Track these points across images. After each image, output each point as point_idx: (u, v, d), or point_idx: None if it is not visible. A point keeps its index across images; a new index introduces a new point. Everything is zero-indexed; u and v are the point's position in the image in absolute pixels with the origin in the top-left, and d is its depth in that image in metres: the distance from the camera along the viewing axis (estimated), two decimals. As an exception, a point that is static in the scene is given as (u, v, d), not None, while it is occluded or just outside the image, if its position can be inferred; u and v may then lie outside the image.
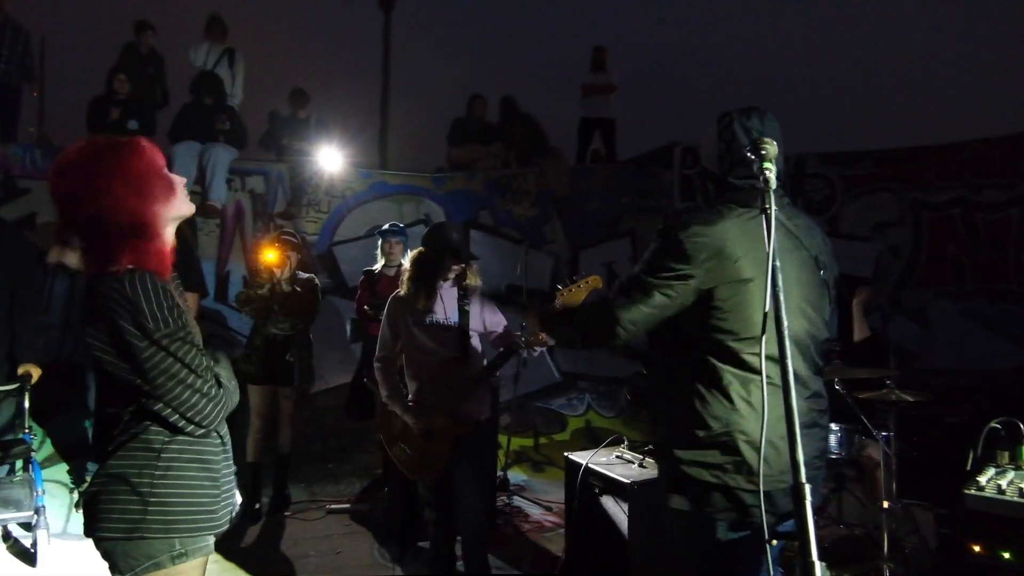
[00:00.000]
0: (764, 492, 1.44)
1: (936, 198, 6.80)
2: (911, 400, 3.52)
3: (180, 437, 1.53)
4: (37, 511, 3.40)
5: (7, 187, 5.76)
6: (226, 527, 1.64)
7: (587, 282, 2.57)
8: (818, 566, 1.17)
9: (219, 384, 1.56)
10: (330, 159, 6.84)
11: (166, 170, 1.60)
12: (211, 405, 1.51)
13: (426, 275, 3.04)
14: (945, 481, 2.87)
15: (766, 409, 1.39)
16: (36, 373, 3.61)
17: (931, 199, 6.82)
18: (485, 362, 3.13)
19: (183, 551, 1.51)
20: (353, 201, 7.10)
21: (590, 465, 3.35)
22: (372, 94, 12.44)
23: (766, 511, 1.42)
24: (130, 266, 1.48)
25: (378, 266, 4.97)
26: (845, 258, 6.87)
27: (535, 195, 7.60)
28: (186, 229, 6.21)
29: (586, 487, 3.32)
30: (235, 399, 1.61)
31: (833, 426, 3.88)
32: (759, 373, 1.60)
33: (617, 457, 3.45)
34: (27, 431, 3.53)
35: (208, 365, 1.54)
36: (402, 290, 3.10)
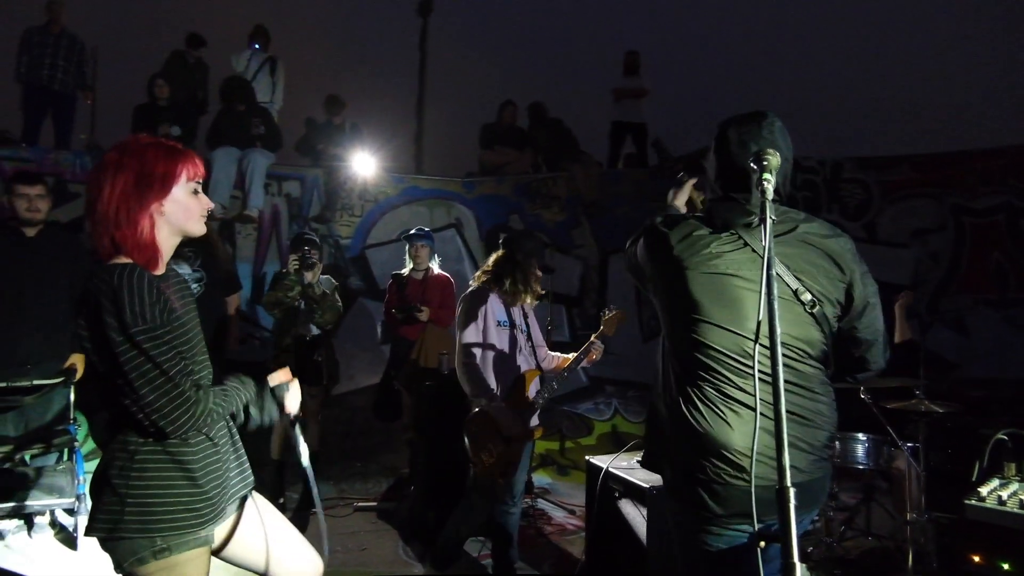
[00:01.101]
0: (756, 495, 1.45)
1: (979, 204, 6.59)
2: (940, 411, 3.46)
3: (153, 438, 1.56)
4: (78, 498, 3.57)
5: (60, 191, 6.05)
6: (220, 519, 1.68)
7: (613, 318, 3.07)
8: (799, 567, 1.19)
9: (198, 388, 1.56)
10: (364, 164, 7.00)
11: (176, 181, 1.66)
12: (178, 412, 1.51)
13: (523, 274, 3.31)
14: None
15: (758, 414, 1.41)
16: (80, 365, 3.72)
17: (973, 205, 6.61)
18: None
19: (165, 547, 1.55)
20: (386, 205, 7.25)
21: (611, 469, 3.37)
22: (407, 100, 12.65)
23: (762, 515, 1.44)
24: (124, 260, 1.56)
25: (406, 270, 5.08)
26: (882, 265, 6.76)
27: (565, 200, 7.63)
28: (220, 234, 6.45)
29: (606, 491, 3.35)
30: (210, 406, 1.59)
31: (861, 436, 3.83)
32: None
33: (638, 462, 3.47)
34: (72, 422, 3.71)
35: (183, 369, 1.53)
36: (500, 285, 3.31)
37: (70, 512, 3.69)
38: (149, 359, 1.47)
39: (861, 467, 3.84)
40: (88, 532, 1.58)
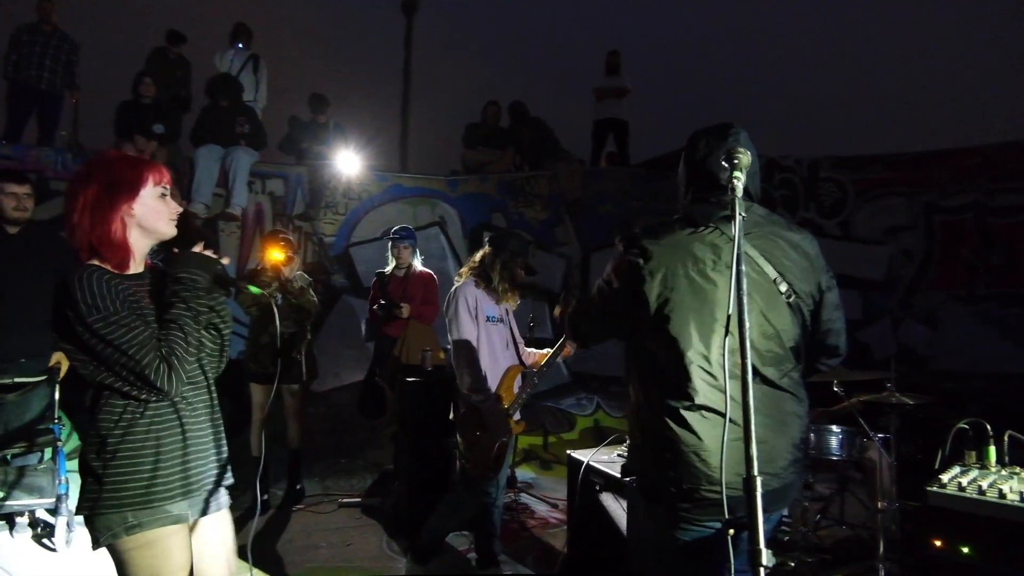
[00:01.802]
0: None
1: (949, 202, 6.77)
2: (911, 403, 3.57)
3: (124, 423, 1.70)
4: (59, 498, 3.55)
5: (41, 188, 6.00)
6: (191, 498, 1.79)
7: None
8: (764, 553, 1.26)
9: (165, 359, 1.68)
10: (348, 162, 7.01)
11: (143, 186, 1.78)
12: (141, 380, 1.66)
13: (509, 272, 3.37)
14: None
15: (728, 409, 1.47)
16: (64, 363, 3.69)
17: (944, 203, 6.79)
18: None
19: (136, 523, 1.68)
20: (369, 203, 7.27)
21: (591, 463, 3.43)
22: (392, 98, 12.64)
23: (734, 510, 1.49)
24: (93, 262, 1.73)
25: (388, 268, 5.12)
26: (857, 261, 6.92)
27: (547, 198, 7.70)
28: (210, 235, 6.44)
29: (587, 484, 3.41)
30: (182, 369, 1.71)
31: (835, 428, 3.93)
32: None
33: (619, 455, 3.53)
34: (57, 421, 3.68)
35: (145, 342, 1.66)
36: (487, 281, 3.37)
37: (52, 512, 3.68)
38: (107, 343, 1.64)
39: (835, 458, 3.94)
40: (76, 511, 1.74)
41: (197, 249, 1.87)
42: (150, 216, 1.79)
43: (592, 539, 3.40)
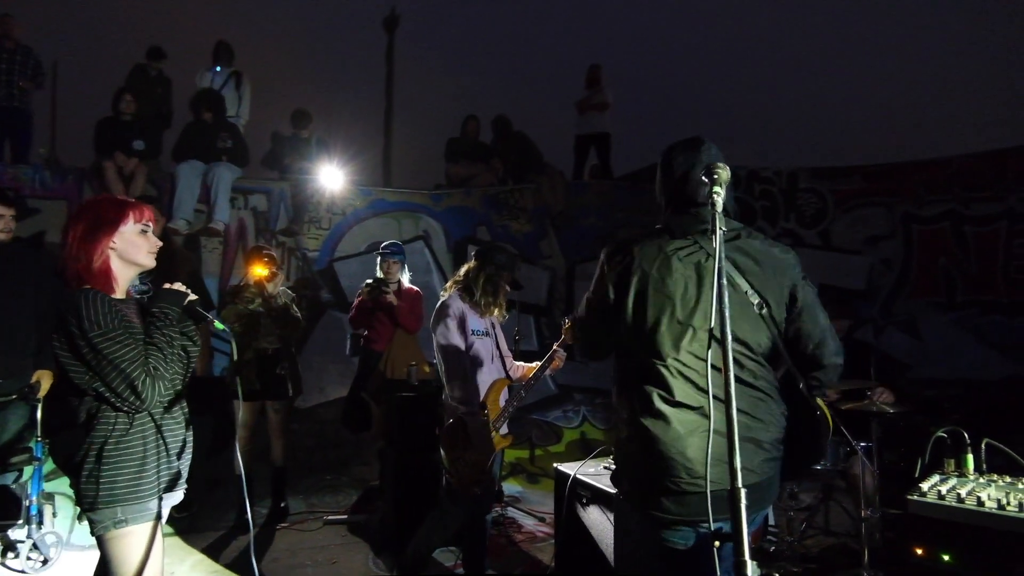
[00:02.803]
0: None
1: (926, 211, 6.90)
2: (891, 411, 3.62)
3: (118, 431, 1.98)
4: (29, 519, 3.47)
5: (18, 207, 5.91)
6: (169, 492, 2.11)
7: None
8: (749, 565, 1.27)
9: (148, 373, 1.98)
10: (331, 177, 6.99)
11: (123, 223, 2.08)
12: (128, 392, 1.94)
13: (494, 286, 3.39)
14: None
15: (712, 411, 1.50)
16: (46, 382, 3.63)
17: (921, 212, 6.92)
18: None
19: (124, 519, 1.98)
20: (353, 218, 7.25)
21: (578, 476, 3.43)
22: (374, 113, 12.68)
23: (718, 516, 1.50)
24: (86, 286, 2.01)
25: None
26: (837, 271, 7.01)
27: (531, 211, 7.74)
28: (189, 255, 6.38)
29: (574, 497, 3.41)
30: (160, 384, 2.01)
31: (818, 438, 3.96)
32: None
33: (605, 468, 3.54)
34: (38, 440, 3.58)
35: (135, 358, 1.96)
36: (470, 295, 3.37)
37: (20, 533, 3.57)
38: (103, 356, 1.92)
39: (820, 468, 3.97)
40: (77, 503, 2.03)
41: (168, 285, 2.19)
42: (130, 250, 2.09)
43: (579, 553, 3.39)
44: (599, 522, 3.27)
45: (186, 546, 4.20)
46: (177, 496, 2.18)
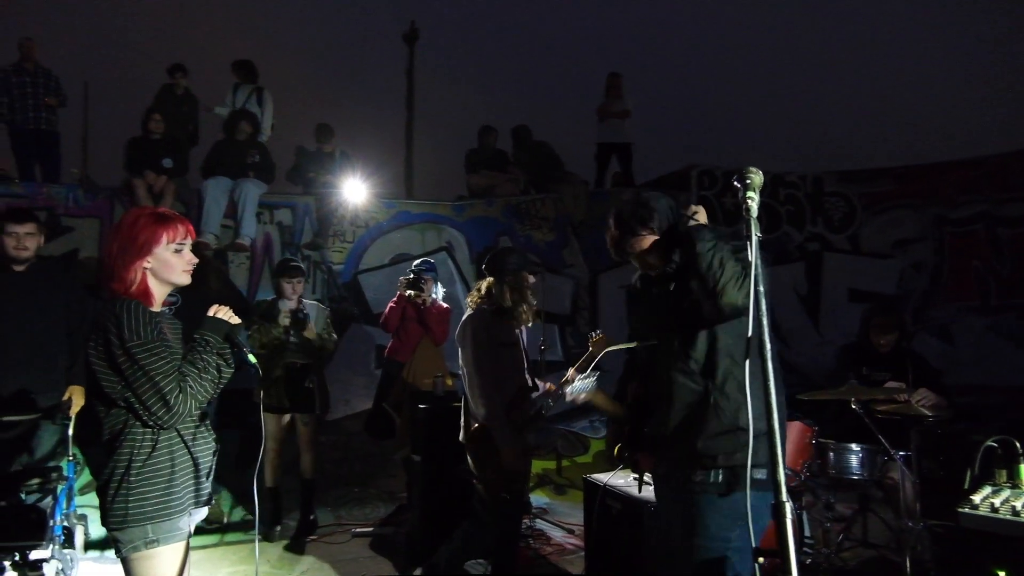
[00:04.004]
0: None
1: (958, 213, 6.74)
2: (930, 416, 3.52)
3: (146, 447, 1.98)
4: (53, 539, 3.33)
5: (52, 225, 6.06)
6: (196, 509, 2.10)
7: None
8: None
9: (179, 389, 1.97)
10: (355, 191, 7.05)
11: (157, 244, 2.08)
12: (159, 405, 1.94)
13: (521, 295, 3.32)
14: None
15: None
16: (78, 398, 3.64)
17: (953, 214, 6.76)
18: None
19: (155, 538, 1.96)
20: (377, 230, 7.30)
21: (609, 486, 3.39)
22: (396, 126, 12.79)
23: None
24: (123, 295, 2.03)
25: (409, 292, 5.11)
26: (867, 276, 6.88)
27: (553, 220, 7.72)
28: (220, 265, 6.47)
29: (604, 508, 3.36)
30: (192, 401, 2.00)
31: (854, 447, 3.86)
32: None
33: (634, 478, 3.49)
34: (71, 459, 3.59)
35: (168, 371, 1.96)
36: (511, 313, 3.32)
37: (43, 554, 3.51)
38: (140, 366, 1.93)
39: (856, 477, 3.87)
40: (104, 523, 2.01)
41: (213, 312, 2.20)
42: (163, 269, 2.11)
43: (610, 565, 3.34)
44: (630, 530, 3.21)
45: (215, 560, 4.23)
46: (203, 512, 2.18)
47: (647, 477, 3.38)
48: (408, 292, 4.88)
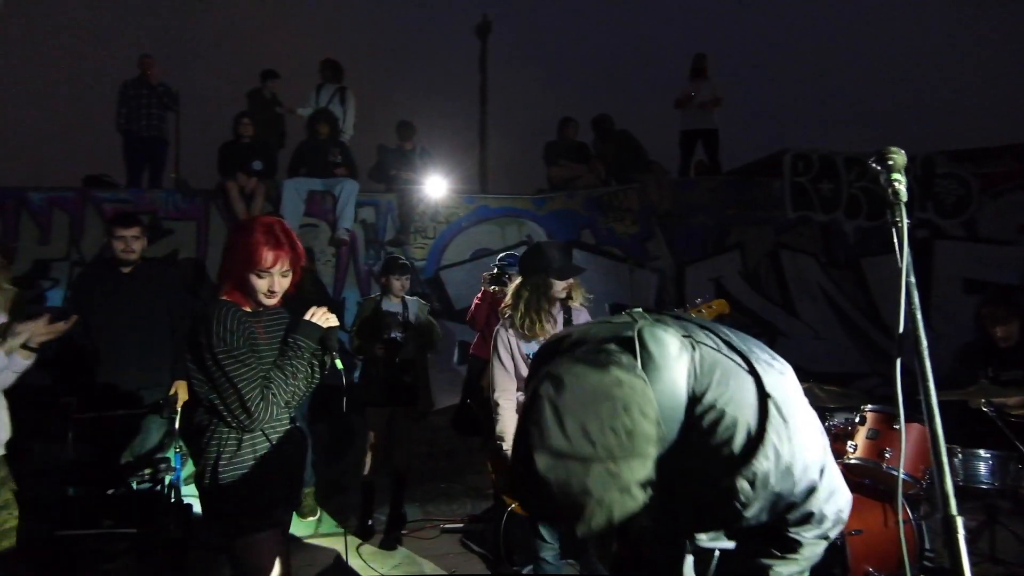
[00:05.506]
0: None
1: (1093, 193, 6.07)
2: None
3: (224, 445, 2.05)
4: (163, 525, 3.55)
5: (154, 228, 6.40)
6: (288, 501, 2.23)
7: (711, 307, 2.70)
8: None
9: (262, 395, 2.04)
10: (435, 187, 7.09)
11: (261, 249, 2.11)
12: (241, 410, 2.01)
13: (532, 303, 3.04)
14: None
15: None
16: (183, 392, 3.76)
17: (1087, 195, 6.09)
18: None
19: (249, 528, 2.06)
20: (456, 226, 7.31)
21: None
22: (472, 120, 12.84)
23: None
24: (224, 298, 2.14)
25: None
26: (985, 265, 6.30)
27: (637, 211, 7.50)
28: (310, 266, 6.67)
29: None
30: (274, 408, 2.07)
31: (983, 452, 3.53)
32: None
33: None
34: (177, 450, 3.79)
35: (253, 377, 2.03)
36: (512, 322, 3.11)
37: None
38: (224, 371, 2.00)
39: (984, 486, 3.53)
40: (203, 512, 2.15)
41: (309, 316, 2.22)
42: (250, 290, 2.16)
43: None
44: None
45: (312, 551, 4.32)
46: (297, 503, 2.23)
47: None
48: (492, 288, 4.82)
